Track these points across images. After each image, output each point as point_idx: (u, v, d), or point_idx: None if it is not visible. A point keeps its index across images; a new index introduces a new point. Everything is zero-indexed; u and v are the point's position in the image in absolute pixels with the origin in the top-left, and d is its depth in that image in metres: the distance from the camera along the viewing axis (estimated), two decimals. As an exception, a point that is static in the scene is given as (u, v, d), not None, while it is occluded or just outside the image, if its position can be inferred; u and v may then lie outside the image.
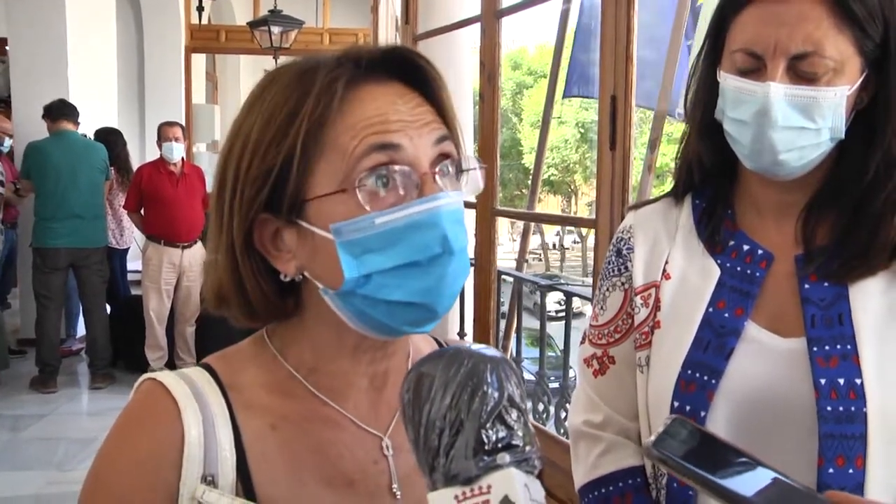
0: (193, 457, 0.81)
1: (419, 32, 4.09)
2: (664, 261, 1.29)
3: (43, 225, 5.99)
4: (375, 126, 0.79)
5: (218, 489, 0.81)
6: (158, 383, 0.85)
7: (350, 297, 0.80)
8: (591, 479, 1.34)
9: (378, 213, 0.78)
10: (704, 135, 1.27)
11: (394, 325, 0.82)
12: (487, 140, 3.37)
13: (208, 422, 0.83)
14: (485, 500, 0.62)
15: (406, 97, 0.84)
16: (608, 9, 2.66)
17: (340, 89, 0.80)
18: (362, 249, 0.78)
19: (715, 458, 0.73)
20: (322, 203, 0.80)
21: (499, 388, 0.65)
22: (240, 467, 0.83)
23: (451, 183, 0.83)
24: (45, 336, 6.06)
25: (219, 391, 0.86)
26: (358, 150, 0.78)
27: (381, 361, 0.90)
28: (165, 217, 6.11)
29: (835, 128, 1.14)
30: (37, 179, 6.02)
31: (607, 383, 1.36)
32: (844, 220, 1.19)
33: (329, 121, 0.80)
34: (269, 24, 8.78)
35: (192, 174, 6.31)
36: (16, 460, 4.81)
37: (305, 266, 0.84)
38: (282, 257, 0.84)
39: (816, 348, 1.14)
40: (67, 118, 6.11)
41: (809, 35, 1.09)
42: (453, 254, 0.79)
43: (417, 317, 0.81)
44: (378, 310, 0.80)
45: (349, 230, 0.78)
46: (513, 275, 4.41)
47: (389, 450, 0.90)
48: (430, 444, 0.65)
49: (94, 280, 6.19)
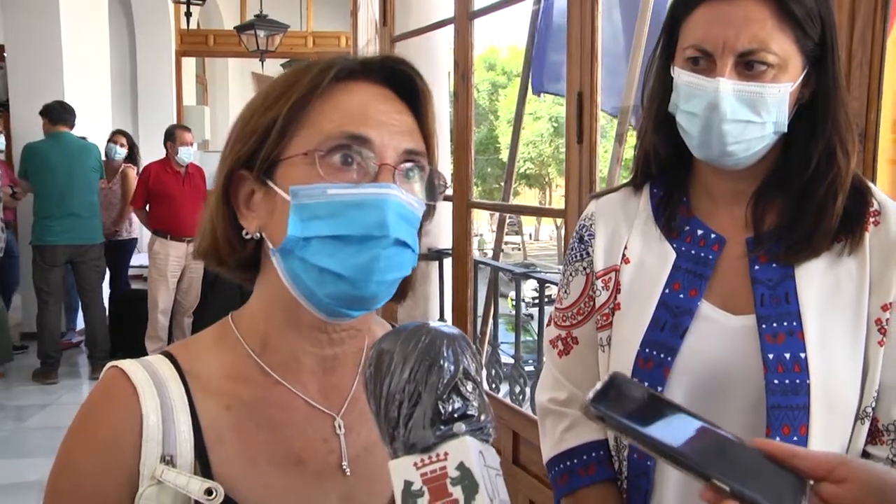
0: (152, 438, 0.83)
1: (396, 34, 4.09)
2: (623, 246, 1.31)
3: (42, 223, 5.95)
4: (353, 116, 0.83)
5: (176, 468, 0.82)
6: (120, 370, 0.86)
7: (289, 256, 0.83)
8: (557, 452, 1.36)
9: (331, 185, 0.81)
10: (659, 127, 1.28)
11: (319, 294, 0.83)
12: (462, 136, 3.38)
13: (166, 406, 0.84)
14: (441, 467, 0.63)
15: (391, 102, 0.87)
16: (573, 10, 2.67)
17: (330, 76, 0.84)
18: (310, 214, 0.81)
19: (649, 412, 0.74)
20: (288, 167, 0.83)
21: (454, 362, 0.66)
22: (198, 448, 0.84)
23: (410, 188, 0.85)
24: (46, 330, 6.04)
25: (178, 377, 0.87)
26: (332, 131, 0.82)
27: (327, 345, 0.90)
28: (172, 213, 6.13)
29: (779, 122, 1.16)
30: (35, 180, 5.98)
31: (571, 363, 1.38)
32: (790, 207, 1.21)
33: (314, 101, 0.84)
34: (256, 28, 8.76)
35: (196, 173, 6.39)
36: (20, 448, 4.80)
37: (264, 225, 0.86)
38: (248, 216, 0.87)
39: (765, 325, 1.16)
40: (66, 123, 6.08)
41: (755, 34, 1.11)
42: (388, 239, 0.80)
43: (342, 291, 0.81)
44: (310, 275, 0.82)
45: (304, 194, 0.81)
46: (489, 264, 4.42)
47: (341, 429, 0.91)
48: (391, 415, 0.66)
49: (92, 275, 6.16)
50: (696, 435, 0.73)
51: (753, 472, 0.72)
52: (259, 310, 0.91)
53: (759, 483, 0.70)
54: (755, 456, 0.73)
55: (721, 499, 0.69)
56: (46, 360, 6.06)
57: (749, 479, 0.70)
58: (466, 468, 0.62)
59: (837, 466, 0.73)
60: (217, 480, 0.83)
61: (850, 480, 0.73)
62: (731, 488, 0.68)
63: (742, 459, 0.73)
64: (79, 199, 6.00)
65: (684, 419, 0.75)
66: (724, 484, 0.68)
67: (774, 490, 0.70)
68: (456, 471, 0.62)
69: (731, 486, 0.68)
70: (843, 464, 0.74)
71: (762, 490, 0.69)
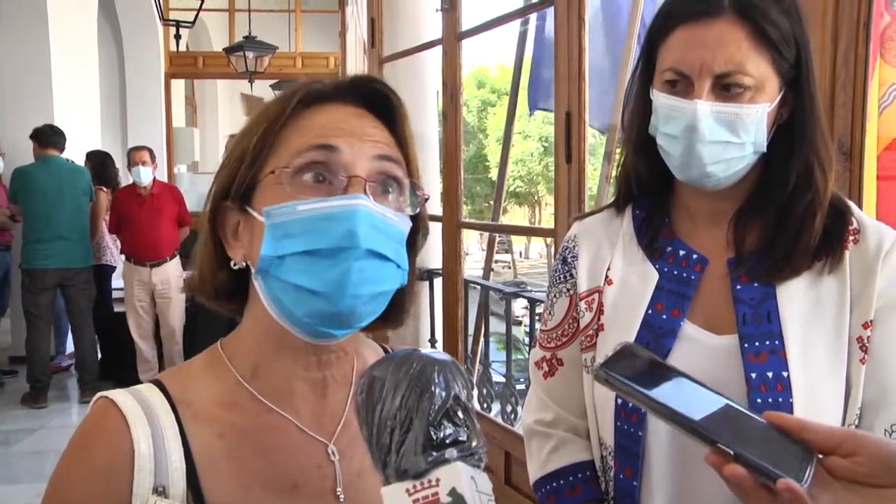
0: (143, 468, 0.82)
1: (384, 55, 4.12)
2: (607, 267, 1.32)
3: (31, 247, 5.93)
4: (322, 129, 0.84)
5: (169, 499, 0.82)
6: (110, 400, 0.86)
7: (266, 277, 0.83)
8: (544, 473, 1.36)
9: (300, 202, 0.81)
10: (640, 149, 1.30)
11: (298, 314, 0.82)
12: (451, 156, 3.41)
13: (157, 435, 0.84)
14: (434, 493, 0.63)
15: (364, 119, 0.87)
16: (560, 31, 2.70)
17: (297, 98, 0.86)
18: (283, 233, 0.81)
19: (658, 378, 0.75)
20: (262, 190, 0.85)
21: (446, 389, 0.67)
22: (190, 477, 0.84)
23: (387, 201, 0.85)
24: (36, 353, 5.99)
25: (168, 405, 0.87)
26: (301, 146, 0.83)
27: (316, 368, 0.90)
28: (132, 237, 6.09)
29: (757, 142, 1.18)
30: (24, 203, 5.97)
31: (556, 384, 1.39)
32: (771, 226, 1.22)
33: (285, 123, 0.85)
34: (245, 49, 8.78)
35: (162, 194, 6.18)
36: (7, 474, 4.75)
37: (248, 253, 0.87)
38: (235, 245, 0.88)
39: (747, 344, 1.17)
40: (55, 146, 6.06)
41: (731, 57, 1.13)
42: (359, 250, 0.79)
43: (319, 308, 0.81)
44: (287, 295, 0.82)
45: (276, 213, 0.82)
46: (479, 283, 4.43)
47: (335, 455, 0.90)
48: (383, 441, 0.66)
49: (81, 299, 6.12)
50: (705, 402, 0.74)
51: (761, 440, 0.72)
52: (248, 338, 0.91)
53: (765, 450, 0.70)
54: (764, 427, 0.74)
55: (725, 462, 0.69)
56: (36, 384, 6.01)
57: (755, 446, 0.70)
58: (458, 494, 0.63)
59: (847, 440, 0.73)
60: None
61: (859, 454, 0.72)
62: (736, 453, 0.69)
63: (750, 428, 0.73)
64: (68, 223, 5.97)
65: (694, 387, 0.75)
66: (728, 448, 0.69)
67: (780, 458, 0.70)
68: (448, 496, 0.63)
69: (736, 451, 0.69)
70: (853, 437, 0.73)
71: (767, 457, 0.69)
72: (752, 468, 0.69)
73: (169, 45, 9.86)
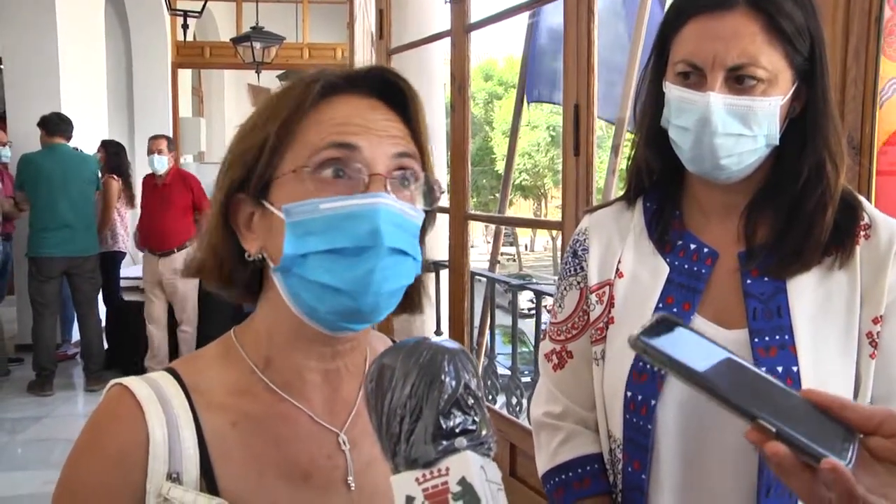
0: (158, 456, 0.82)
1: (392, 47, 4.11)
2: (617, 260, 1.32)
3: (37, 235, 5.93)
4: (340, 126, 0.83)
5: (182, 486, 0.82)
6: (124, 388, 0.86)
7: (288, 274, 0.83)
8: (553, 465, 1.37)
9: (323, 200, 0.81)
10: (652, 141, 1.29)
11: (321, 311, 0.83)
12: (459, 148, 3.40)
13: (171, 422, 0.84)
14: (443, 482, 0.63)
15: (379, 110, 0.87)
16: (570, 24, 2.69)
17: (316, 91, 0.84)
18: (305, 231, 0.81)
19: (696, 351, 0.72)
20: (282, 185, 0.84)
21: (455, 378, 0.67)
22: (203, 464, 0.84)
23: (405, 196, 0.85)
24: (42, 341, 6.01)
25: (182, 393, 0.87)
26: (319, 143, 0.82)
27: (331, 359, 0.91)
28: (143, 226, 6.11)
29: (770, 135, 1.17)
30: (30, 191, 5.97)
31: (566, 376, 1.39)
32: (781, 220, 1.22)
33: (302, 117, 0.84)
34: (252, 40, 8.77)
35: (173, 183, 6.09)
36: (14, 461, 4.77)
37: (265, 246, 0.86)
38: (249, 237, 0.88)
39: (757, 339, 1.17)
40: (62, 134, 6.06)
41: (745, 49, 1.12)
42: (383, 249, 0.80)
43: (342, 306, 0.81)
44: (310, 292, 0.82)
45: (297, 211, 0.81)
46: (485, 275, 4.43)
47: (346, 444, 0.91)
48: (392, 430, 0.66)
49: (87, 287, 6.14)
50: (744, 377, 0.71)
51: (801, 417, 0.69)
52: (263, 328, 0.91)
53: (807, 427, 0.67)
54: (804, 404, 0.71)
55: (766, 439, 0.67)
56: (41, 371, 6.03)
57: (797, 423, 0.67)
58: (468, 483, 0.63)
59: (888, 420, 0.70)
60: (223, 496, 0.83)
61: None
62: (777, 429, 0.66)
63: (791, 405, 0.70)
64: (73, 211, 5.98)
65: (733, 361, 0.72)
66: (770, 424, 0.66)
67: (823, 437, 0.67)
68: (457, 486, 0.63)
69: (778, 427, 0.66)
70: (894, 417, 0.70)
71: (809, 434, 0.67)
72: (794, 446, 0.66)
73: (176, 35, 9.86)
